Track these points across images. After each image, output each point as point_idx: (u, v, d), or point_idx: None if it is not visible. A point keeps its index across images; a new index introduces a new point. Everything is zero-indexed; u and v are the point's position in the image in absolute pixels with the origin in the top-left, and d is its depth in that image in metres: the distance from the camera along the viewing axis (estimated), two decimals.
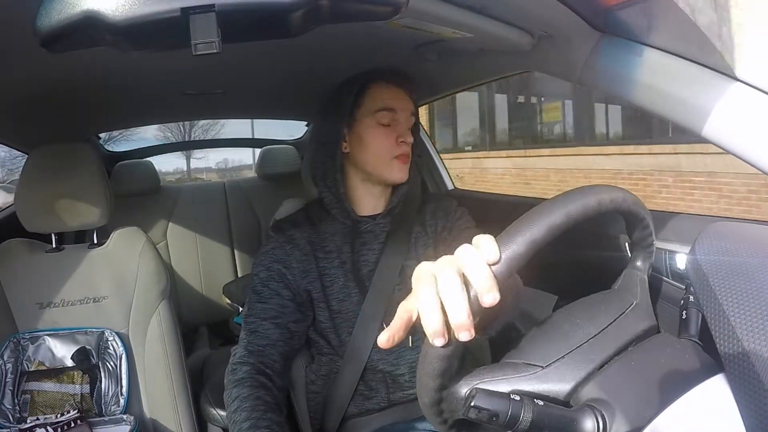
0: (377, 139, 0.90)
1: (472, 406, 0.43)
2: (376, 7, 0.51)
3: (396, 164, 0.91)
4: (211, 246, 1.98)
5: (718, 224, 0.52)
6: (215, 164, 12.39)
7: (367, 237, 0.94)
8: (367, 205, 0.96)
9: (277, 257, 0.91)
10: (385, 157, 0.90)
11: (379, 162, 0.91)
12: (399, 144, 0.90)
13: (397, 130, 0.91)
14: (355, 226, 0.94)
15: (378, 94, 0.92)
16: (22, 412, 0.97)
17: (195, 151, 11.91)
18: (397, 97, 0.93)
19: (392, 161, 0.91)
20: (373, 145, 0.91)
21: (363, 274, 0.92)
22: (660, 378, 0.46)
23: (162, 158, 2.04)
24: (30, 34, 0.45)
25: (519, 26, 0.77)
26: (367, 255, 0.93)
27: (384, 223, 0.96)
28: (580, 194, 0.48)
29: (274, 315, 0.88)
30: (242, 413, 0.77)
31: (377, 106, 0.91)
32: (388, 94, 0.92)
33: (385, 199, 0.97)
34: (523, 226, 0.44)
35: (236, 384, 0.81)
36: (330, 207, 0.94)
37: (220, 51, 0.44)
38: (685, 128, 0.67)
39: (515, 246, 0.42)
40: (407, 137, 0.91)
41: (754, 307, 0.39)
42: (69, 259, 1.11)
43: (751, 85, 0.60)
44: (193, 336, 1.91)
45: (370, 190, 0.95)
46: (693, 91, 0.65)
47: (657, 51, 0.69)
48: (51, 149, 1.10)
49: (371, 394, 0.92)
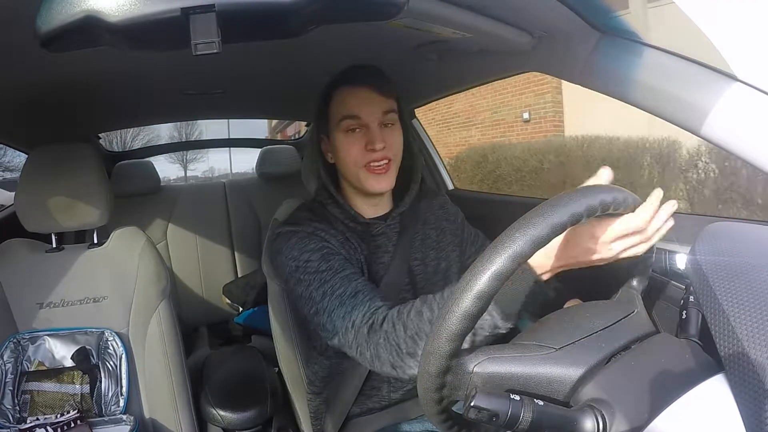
0: (344, 149, 0.85)
1: (472, 406, 0.43)
2: (376, 7, 0.51)
3: (367, 174, 0.84)
4: (211, 246, 1.98)
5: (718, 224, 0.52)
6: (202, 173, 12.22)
7: (381, 239, 0.91)
8: (369, 210, 0.93)
9: (318, 242, 0.84)
10: (355, 166, 0.85)
11: (351, 172, 0.86)
12: (368, 151, 0.83)
13: (367, 136, 0.84)
14: (367, 229, 0.91)
15: (340, 101, 0.86)
16: (22, 412, 0.97)
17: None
18: (361, 100, 0.85)
19: (362, 171, 0.84)
20: (343, 155, 0.86)
21: (378, 276, 0.90)
22: (660, 378, 0.46)
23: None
24: (30, 34, 0.45)
25: (519, 26, 0.77)
26: (382, 257, 0.91)
27: (394, 224, 0.93)
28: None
29: (354, 273, 0.81)
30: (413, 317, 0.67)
31: (340, 115, 0.85)
32: (352, 98, 0.85)
33: (387, 202, 0.95)
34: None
35: (382, 323, 0.71)
36: (333, 212, 0.91)
37: (220, 51, 0.44)
38: (685, 128, 0.67)
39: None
40: (376, 143, 0.83)
41: (754, 307, 0.39)
42: (69, 259, 1.11)
43: (751, 85, 0.60)
44: (193, 336, 1.90)
45: (367, 199, 0.91)
46: (693, 91, 0.65)
47: (657, 51, 0.69)
48: (51, 149, 1.10)
49: (372, 393, 0.91)
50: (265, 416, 1.13)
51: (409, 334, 0.67)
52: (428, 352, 0.47)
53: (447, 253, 0.98)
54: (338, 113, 0.86)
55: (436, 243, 0.97)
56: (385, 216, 0.93)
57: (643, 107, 0.71)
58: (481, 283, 0.44)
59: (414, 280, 0.92)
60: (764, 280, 0.41)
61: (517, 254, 0.45)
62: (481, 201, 1.85)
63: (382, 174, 0.85)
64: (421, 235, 0.96)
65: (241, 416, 1.11)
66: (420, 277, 0.93)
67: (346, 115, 0.85)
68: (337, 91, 0.87)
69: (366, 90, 0.85)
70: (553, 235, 0.46)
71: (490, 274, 0.44)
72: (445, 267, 0.97)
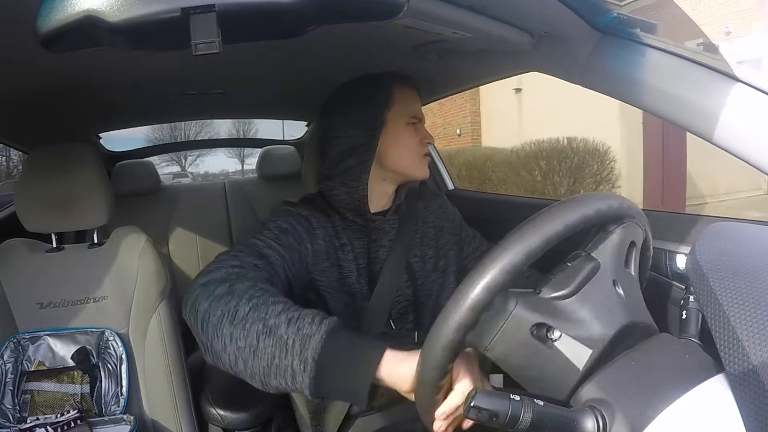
0: (408, 140, 0.94)
1: (472, 406, 0.43)
2: (376, 7, 0.51)
3: (424, 162, 0.96)
4: (211, 246, 1.98)
5: (718, 224, 0.52)
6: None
7: (378, 234, 0.95)
8: (377, 204, 0.96)
9: (302, 223, 0.87)
10: (416, 156, 0.95)
11: (410, 161, 0.95)
12: (424, 144, 0.96)
13: (421, 131, 0.96)
14: (367, 224, 0.94)
15: (404, 97, 0.95)
16: (22, 412, 0.97)
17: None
18: (416, 100, 0.98)
19: (421, 159, 0.95)
20: (405, 146, 0.94)
21: (375, 270, 0.92)
22: (660, 378, 0.46)
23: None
24: (30, 34, 0.45)
25: (519, 26, 0.77)
26: (378, 252, 0.94)
27: (393, 219, 0.97)
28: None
29: (282, 262, 0.80)
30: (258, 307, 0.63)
31: (408, 109, 0.95)
32: (411, 97, 0.97)
33: (390, 198, 0.99)
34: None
35: (221, 283, 0.68)
36: (341, 205, 0.93)
37: (220, 51, 0.43)
38: (685, 128, 0.67)
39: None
40: (430, 137, 0.96)
41: (754, 307, 0.39)
42: (69, 259, 1.11)
43: (751, 85, 0.60)
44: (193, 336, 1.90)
45: (385, 190, 0.97)
46: (693, 91, 0.65)
47: (657, 51, 0.69)
48: (51, 149, 1.10)
49: None
50: (265, 416, 1.13)
51: (240, 315, 0.63)
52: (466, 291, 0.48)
53: (445, 252, 1.03)
54: (407, 107, 0.95)
55: (434, 241, 1.02)
56: (384, 212, 0.97)
57: (643, 107, 0.71)
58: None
59: (414, 277, 0.96)
60: (764, 280, 0.41)
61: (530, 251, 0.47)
62: (480, 201, 1.86)
63: (427, 164, 0.97)
64: (421, 234, 1.00)
65: (241, 416, 1.11)
66: (419, 274, 0.97)
67: (414, 111, 0.96)
68: (402, 87, 0.95)
69: (415, 93, 0.98)
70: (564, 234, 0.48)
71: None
72: (444, 265, 1.01)
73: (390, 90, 0.94)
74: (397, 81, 0.96)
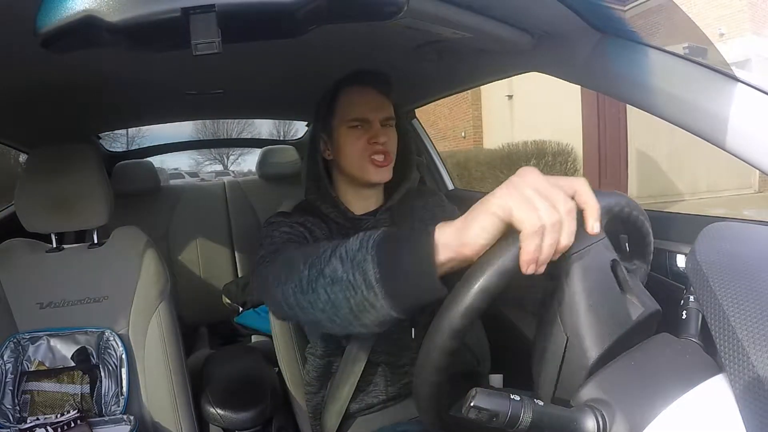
0: (350, 141, 0.91)
1: (472, 406, 0.43)
2: (376, 7, 0.51)
3: (369, 165, 0.91)
4: (211, 246, 1.98)
5: (718, 224, 0.52)
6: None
7: None
8: (360, 205, 0.96)
9: (299, 228, 0.88)
10: (362, 158, 0.91)
11: (358, 164, 0.92)
12: (371, 144, 0.91)
13: (370, 132, 0.91)
14: (355, 225, 0.94)
15: (349, 100, 0.93)
16: (22, 412, 0.97)
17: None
18: (367, 101, 0.92)
19: (366, 163, 0.91)
20: (348, 148, 0.92)
21: None
22: (660, 378, 0.46)
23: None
24: (30, 34, 0.45)
25: (519, 26, 0.77)
26: None
27: (384, 218, 0.97)
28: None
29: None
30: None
31: (347, 112, 0.92)
32: (359, 98, 0.92)
33: (377, 198, 0.98)
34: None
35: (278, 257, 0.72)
36: (325, 209, 0.94)
37: (220, 51, 0.44)
38: (685, 128, 0.67)
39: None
40: (379, 137, 0.91)
41: (754, 308, 0.39)
42: (69, 259, 1.11)
43: (751, 85, 0.60)
44: (193, 336, 1.90)
45: (360, 192, 0.96)
46: (693, 91, 0.65)
47: (657, 51, 0.69)
48: (51, 149, 1.10)
49: (370, 389, 0.92)
50: (265, 416, 1.13)
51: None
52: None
53: None
54: (346, 111, 0.92)
55: None
56: (375, 211, 0.97)
57: (643, 107, 0.71)
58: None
59: None
60: (764, 281, 0.41)
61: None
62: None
63: (383, 167, 0.92)
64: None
65: (241, 416, 1.11)
66: None
67: (354, 114, 0.91)
68: (346, 90, 0.93)
69: (373, 92, 0.93)
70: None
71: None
72: None
73: (335, 96, 0.93)
74: (345, 84, 0.94)
